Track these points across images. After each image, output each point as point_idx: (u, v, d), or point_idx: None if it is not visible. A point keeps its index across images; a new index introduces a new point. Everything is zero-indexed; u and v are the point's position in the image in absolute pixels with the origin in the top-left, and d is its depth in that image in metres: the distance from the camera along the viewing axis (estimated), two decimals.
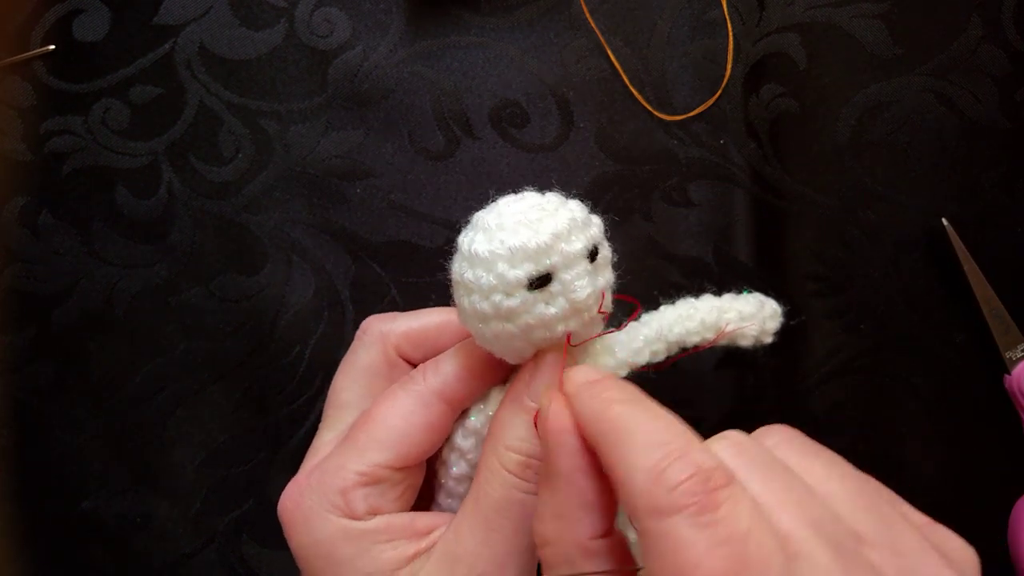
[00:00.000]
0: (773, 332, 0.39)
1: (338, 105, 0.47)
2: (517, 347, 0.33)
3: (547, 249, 0.30)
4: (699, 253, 0.47)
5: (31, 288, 0.47)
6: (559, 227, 0.31)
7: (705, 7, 0.47)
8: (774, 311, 0.39)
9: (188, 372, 0.47)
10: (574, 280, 0.31)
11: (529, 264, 0.30)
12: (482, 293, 0.31)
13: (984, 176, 0.47)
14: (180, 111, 0.47)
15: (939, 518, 0.47)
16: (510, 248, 0.30)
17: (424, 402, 0.34)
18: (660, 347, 0.37)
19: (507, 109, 0.47)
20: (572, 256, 0.31)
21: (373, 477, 0.33)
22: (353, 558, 0.33)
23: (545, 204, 0.32)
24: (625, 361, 0.36)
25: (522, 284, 0.31)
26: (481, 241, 0.31)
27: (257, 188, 0.47)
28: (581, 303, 0.31)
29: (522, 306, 0.31)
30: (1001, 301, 0.45)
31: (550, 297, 0.31)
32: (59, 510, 0.47)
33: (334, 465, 0.34)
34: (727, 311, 0.37)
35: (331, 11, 0.47)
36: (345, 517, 0.33)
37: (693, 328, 0.37)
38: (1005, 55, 0.46)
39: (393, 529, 0.33)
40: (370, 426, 0.34)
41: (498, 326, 0.32)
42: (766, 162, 0.47)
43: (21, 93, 0.46)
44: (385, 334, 0.38)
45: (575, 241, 0.31)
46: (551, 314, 0.31)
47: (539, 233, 0.30)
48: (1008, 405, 0.46)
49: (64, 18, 0.46)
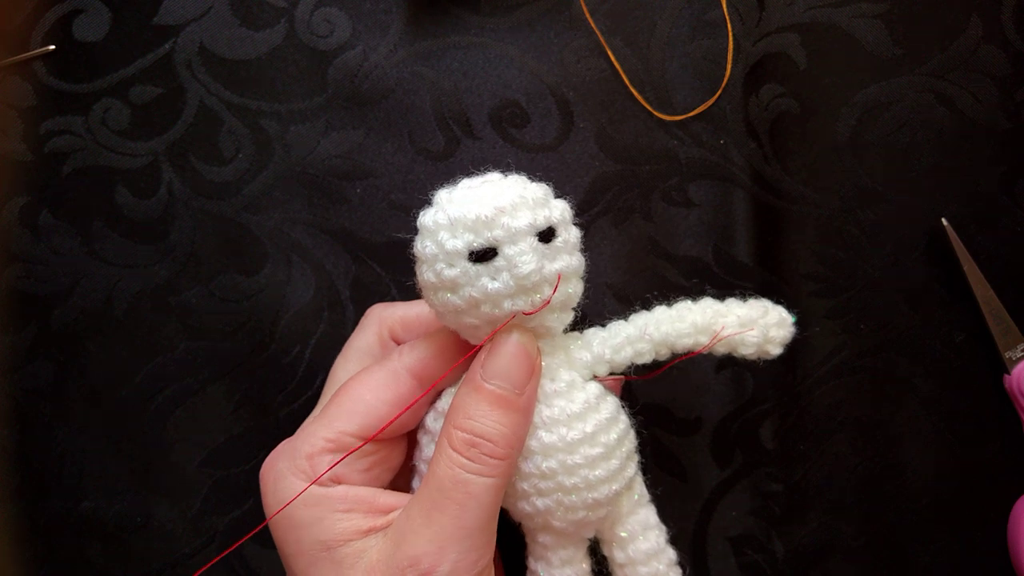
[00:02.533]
0: (780, 342, 0.37)
1: (338, 105, 0.47)
2: (468, 323, 0.33)
3: (488, 221, 0.31)
4: (699, 253, 0.47)
5: (31, 288, 0.47)
6: (504, 201, 0.31)
7: (705, 7, 0.47)
8: (781, 318, 0.37)
9: (188, 372, 0.47)
10: (517, 256, 0.31)
11: (469, 235, 0.31)
12: (428, 263, 0.32)
13: (984, 176, 0.47)
14: (180, 111, 0.47)
15: (939, 518, 0.47)
16: (451, 218, 0.31)
17: (395, 377, 0.35)
18: (645, 347, 0.36)
19: (507, 109, 0.47)
20: (516, 231, 0.31)
21: (339, 444, 0.34)
22: (310, 523, 0.33)
23: (498, 181, 0.33)
24: (603, 357, 0.36)
25: (462, 255, 0.31)
26: (430, 213, 0.32)
27: (257, 188, 0.47)
28: (524, 279, 0.31)
29: (463, 277, 0.31)
30: (1001, 301, 0.45)
31: (495, 271, 0.31)
32: (59, 510, 0.47)
33: (306, 432, 0.35)
34: (725, 314, 0.36)
35: (331, 11, 0.47)
36: (309, 482, 0.34)
37: (683, 329, 0.36)
38: (1005, 55, 0.46)
39: (352, 500, 0.34)
40: (342, 397, 0.35)
41: (444, 297, 0.32)
42: (766, 162, 0.47)
43: (21, 93, 0.46)
44: (383, 319, 0.41)
45: (521, 217, 0.31)
46: (494, 288, 0.31)
47: (481, 205, 0.31)
48: (1008, 405, 0.46)
49: (64, 18, 0.46)
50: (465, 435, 0.33)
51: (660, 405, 0.47)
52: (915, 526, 0.47)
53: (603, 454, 0.34)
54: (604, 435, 0.35)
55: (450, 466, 0.33)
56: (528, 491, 0.35)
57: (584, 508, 0.35)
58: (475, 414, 0.33)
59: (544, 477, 0.34)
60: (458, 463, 0.33)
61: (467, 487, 0.32)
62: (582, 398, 0.35)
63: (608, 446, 0.35)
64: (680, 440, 0.47)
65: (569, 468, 0.34)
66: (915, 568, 0.47)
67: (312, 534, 0.33)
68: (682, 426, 0.47)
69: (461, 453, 0.33)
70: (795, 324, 0.37)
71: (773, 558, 0.47)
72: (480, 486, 0.32)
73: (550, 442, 0.34)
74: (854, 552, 0.47)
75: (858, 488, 0.47)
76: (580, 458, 0.34)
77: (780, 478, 0.47)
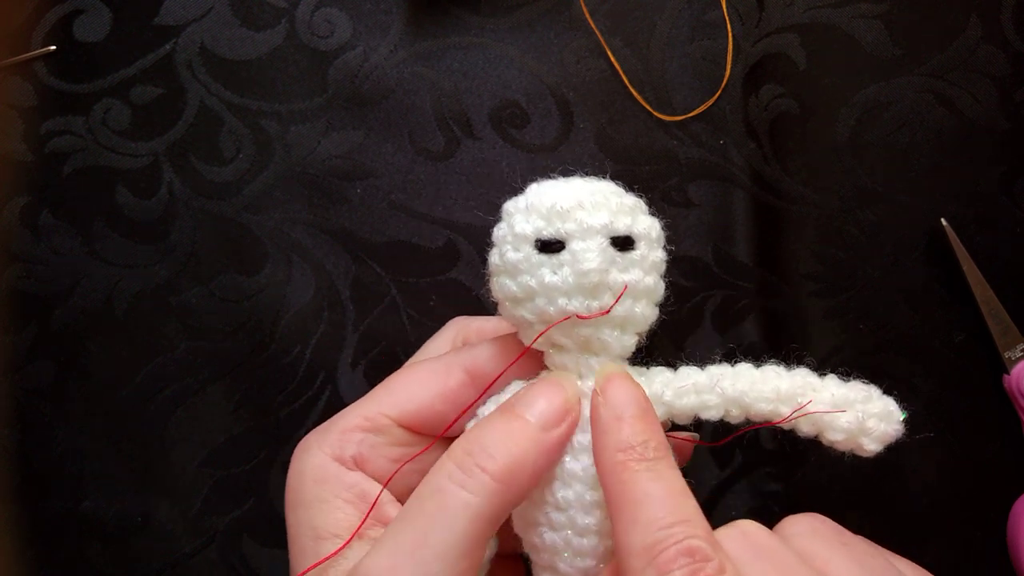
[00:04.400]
0: (879, 438, 0.32)
1: (338, 105, 0.47)
2: (523, 317, 0.31)
3: (563, 213, 0.30)
4: (699, 253, 0.47)
5: (31, 288, 0.47)
6: (584, 197, 0.30)
7: (705, 8, 0.47)
8: (886, 411, 0.32)
9: (188, 372, 0.47)
10: (582, 252, 0.30)
11: (540, 221, 0.30)
12: (498, 244, 0.31)
13: (984, 176, 0.47)
14: (181, 111, 0.47)
15: (939, 518, 0.47)
16: (529, 203, 0.31)
17: (447, 370, 0.34)
18: (713, 400, 0.32)
19: (507, 109, 0.47)
20: (588, 228, 0.30)
21: (375, 424, 0.33)
22: (311, 502, 0.32)
23: (590, 180, 0.31)
24: (660, 397, 0.32)
25: (529, 240, 0.30)
26: (514, 199, 0.32)
27: (257, 188, 0.47)
28: (584, 276, 0.29)
29: (525, 263, 0.30)
30: (1000, 301, 0.45)
31: (557, 265, 0.30)
32: (59, 510, 0.47)
33: (347, 410, 0.34)
34: (817, 389, 0.32)
35: (331, 11, 0.47)
36: (330, 456, 0.32)
37: (764, 393, 0.32)
38: (1004, 55, 0.46)
39: (360, 492, 0.32)
40: (389, 382, 0.34)
41: (503, 282, 0.31)
42: (766, 162, 0.47)
43: (22, 93, 0.46)
44: (461, 327, 0.39)
45: (598, 216, 0.30)
46: (551, 282, 0.30)
47: (561, 197, 0.30)
48: (1008, 405, 0.46)
49: (65, 18, 0.46)
50: (467, 443, 0.30)
51: None
52: (915, 526, 0.47)
53: None
54: None
55: (438, 473, 0.29)
56: (539, 521, 0.31)
57: (594, 557, 0.31)
58: (488, 427, 0.30)
59: (558, 508, 0.31)
60: (446, 470, 0.29)
61: (444, 498, 0.28)
62: None
63: None
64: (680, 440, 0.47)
65: (586, 505, 0.31)
66: None
67: (309, 515, 0.31)
68: (682, 426, 0.47)
69: (453, 459, 0.29)
70: (904, 422, 0.32)
71: None
72: (457, 500, 0.28)
73: (571, 469, 0.31)
74: None
75: (858, 488, 0.47)
76: (600, 496, 0.30)
77: (780, 478, 0.47)
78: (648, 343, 0.48)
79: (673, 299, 0.48)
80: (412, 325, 0.47)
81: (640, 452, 0.28)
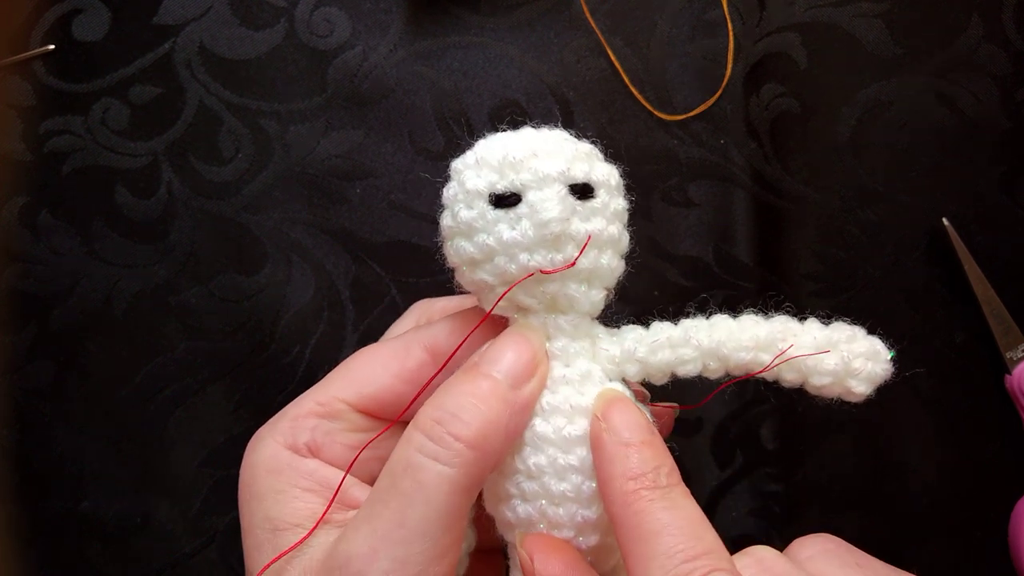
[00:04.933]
0: (868, 378, 0.30)
1: (338, 105, 0.47)
2: (483, 281, 0.29)
3: (515, 163, 0.28)
4: (699, 253, 0.47)
5: (31, 288, 0.47)
6: (536, 146, 0.28)
7: (705, 7, 0.46)
8: (873, 350, 0.30)
9: (188, 372, 0.47)
10: (540, 201, 0.27)
11: (493, 175, 0.28)
12: (448, 205, 0.29)
13: (984, 176, 0.47)
14: (180, 111, 0.47)
15: (939, 518, 0.47)
16: (478, 157, 0.28)
17: (406, 349, 0.31)
18: (688, 354, 0.30)
19: (507, 109, 0.47)
20: (544, 176, 0.28)
21: (329, 409, 0.31)
22: (265, 494, 0.30)
23: (540, 129, 0.29)
24: (633, 354, 0.30)
25: (482, 195, 0.28)
26: (462, 156, 0.29)
27: (257, 188, 0.47)
28: (544, 227, 0.27)
29: (480, 220, 0.28)
30: (1002, 301, 0.45)
31: (515, 219, 0.28)
32: (59, 510, 0.47)
33: (300, 397, 0.32)
34: (797, 332, 0.30)
35: (331, 11, 0.47)
36: (282, 445, 0.31)
37: (742, 341, 0.30)
38: (1005, 55, 0.46)
39: (318, 479, 0.30)
40: (345, 364, 0.32)
41: (459, 245, 0.29)
42: (766, 162, 0.47)
43: (21, 93, 0.46)
44: (424, 309, 0.38)
45: (552, 163, 0.28)
46: (510, 237, 0.28)
47: (510, 147, 0.28)
48: (1008, 405, 0.46)
49: (64, 18, 0.46)
50: (434, 410, 0.27)
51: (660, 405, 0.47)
52: (915, 526, 0.47)
53: None
54: None
55: (406, 447, 0.27)
56: (511, 492, 0.29)
57: (572, 527, 0.29)
58: (454, 390, 0.28)
59: (530, 476, 0.29)
60: (416, 442, 0.27)
61: (418, 474, 0.26)
62: (594, 392, 0.29)
63: None
64: (681, 440, 0.47)
65: (560, 470, 0.28)
66: (915, 568, 0.47)
67: (264, 507, 0.29)
68: (683, 426, 0.47)
69: (422, 430, 0.27)
70: (893, 360, 0.31)
71: None
72: (433, 475, 0.26)
73: (543, 432, 0.29)
74: None
75: (858, 488, 0.47)
76: (575, 460, 0.28)
77: (780, 478, 0.47)
78: None
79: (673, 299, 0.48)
80: None
81: (652, 479, 0.27)
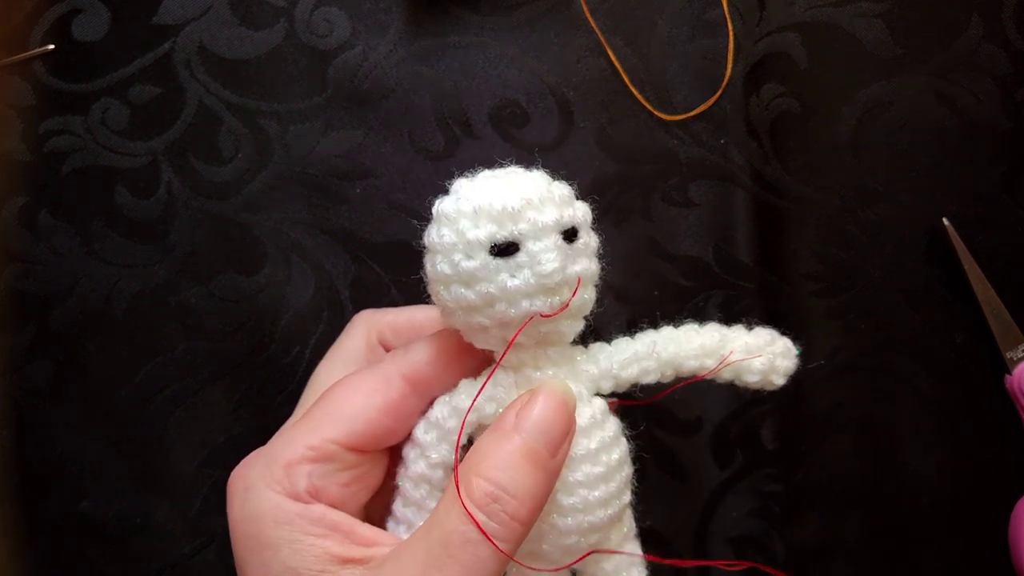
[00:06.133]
0: (784, 372, 0.35)
1: (338, 105, 0.47)
2: (478, 323, 0.30)
3: (514, 214, 0.29)
4: (699, 253, 0.47)
5: (30, 288, 0.47)
6: (531, 194, 0.29)
7: (705, 7, 0.46)
8: (786, 349, 0.36)
9: (188, 372, 0.47)
10: (541, 252, 0.29)
11: (492, 226, 0.29)
12: (444, 252, 0.30)
13: (984, 176, 0.47)
14: (179, 111, 0.47)
15: (939, 518, 0.47)
16: (475, 206, 0.29)
17: (386, 381, 0.32)
18: (651, 365, 0.34)
19: (507, 109, 0.47)
20: (542, 227, 0.29)
21: (322, 453, 0.31)
22: (279, 545, 0.30)
23: (524, 174, 0.31)
24: (609, 372, 0.33)
25: (484, 246, 0.29)
26: (450, 200, 0.30)
27: (257, 188, 0.47)
28: (547, 278, 0.29)
29: (483, 270, 0.29)
30: (1002, 301, 0.45)
31: (515, 268, 0.29)
32: (59, 510, 0.47)
33: (285, 438, 0.32)
34: (732, 340, 0.35)
35: (331, 11, 0.47)
36: (284, 495, 0.31)
37: (691, 351, 0.34)
38: (1005, 55, 0.46)
39: (329, 523, 0.30)
40: (327, 401, 0.32)
41: (457, 292, 0.30)
42: (766, 162, 0.47)
43: (21, 93, 0.46)
44: (372, 323, 0.38)
45: (547, 212, 0.29)
46: (514, 286, 0.29)
47: (508, 196, 0.29)
48: (1008, 405, 0.46)
49: (63, 18, 0.46)
50: (489, 487, 0.28)
51: (661, 405, 0.47)
52: (915, 526, 0.47)
53: (604, 474, 0.32)
54: (606, 454, 0.32)
55: (463, 520, 0.28)
56: None
57: (577, 532, 0.32)
58: (504, 465, 0.29)
59: None
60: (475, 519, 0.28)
61: (477, 550, 0.28)
62: (588, 413, 0.32)
63: (609, 466, 0.32)
64: (681, 441, 0.47)
65: (568, 486, 0.32)
66: (915, 568, 0.47)
67: (281, 557, 0.30)
68: (683, 427, 0.47)
69: (480, 507, 0.28)
70: (799, 356, 0.36)
71: (774, 559, 0.47)
72: (491, 552, 0.28)
73: None
74: (854, 552, 0.47)
75: (858, 488, 0.47)
76: (581, 476, 0.32)
77: (780, 478, 0.47)
78: None
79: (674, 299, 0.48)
80: None
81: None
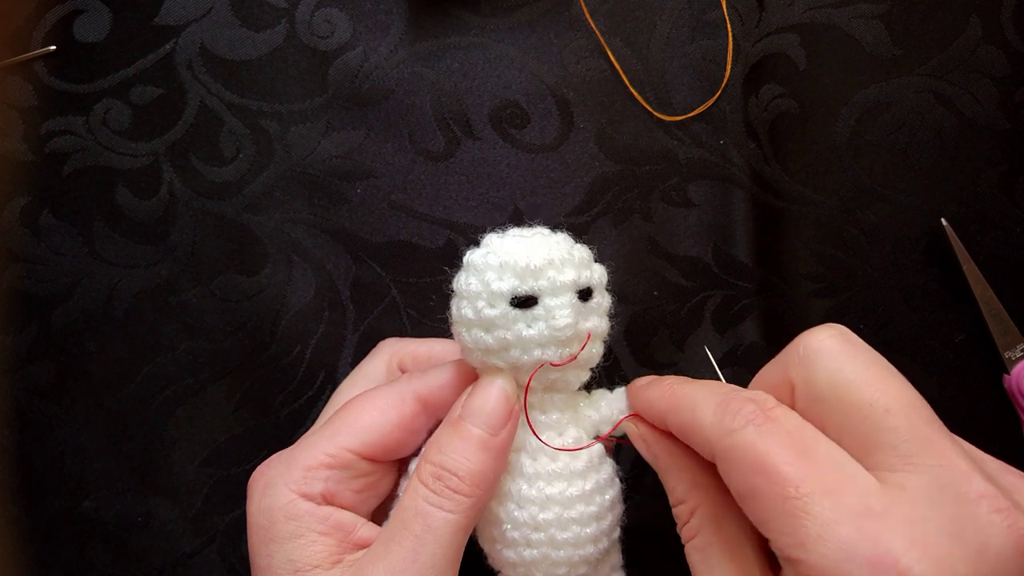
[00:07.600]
0: None
1: (338, 105, 0.47)
2: (493, 364, 0.34)
3: (535, 271, 0.33)
4: (699, 253, 0.47)
5: (32, 288, 0.47)
6: (552, 255, 0.33)
7: (705, 7, 0.47)
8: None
9: (188, 372, 0.47)
10: (557, 308, 0.33)
11: (515, 280, 0.33)
12: (469, 299, 0.34)
13: (984, 176, 0.47)
14: (181, 111, 0.47)
15: None
16: (502, 261, 0.33)
17: (401, 399, 0.36)
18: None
19: (507, 109, 0.47)
20: (560, 285, 0.33)
21: (339, 460, 0.35)
22: (285, 539, 0.33)
23: (549, 236, 0.34)
24: (610, 418, 0.37)
25: (505, 297, 0.33)
26: (479, 253, 0.34)
27: (258, 188, 0.47)
28: (559, 332, 0.33)
29: (502, 319, 0.33)
30: (1000, 301, 0.45)
31: (532, 319, 0.33)
32: (59, 510, 0.47)
33: (306, 444, 0.35)
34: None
35: (331, 12, 0.47)
36: (298, 494, 0.34)
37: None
38: (1004, 55, 0.46)
39: (334, 524, 0.34)
40: (346, 413, 0.36)
41: (477, 335, 0.34)
42: (766, 162, 0.47)
43: (22, 93, 0.46)
44: (395, 350, 0.42)
45: (566, 273, 0.33)
46: (528, 335, 0.33)
47: (531, 255, 0.33)
48: (1007, 405, 0.46)
49: (65, 18, 0.46)
50: (433, 467, 0.33)
51: None
52: None
53: (597, 513, 0.36)
54: (600, 495, 0.36)
55: (414, 497, 0.33)
56: (518, 540, 0.36)
57: (568, 565, 0.36)
58: (446, 448, 0.34)
59: (537, 528, 0.35)
60: (421, 494, 0.33)
61: (427, 519, 0.32)
62: (586, 456, 0.36)
63: (603, 506, 0.36)
64: None
65: (564, 523, 0.35)
66: None
67: (285, 550, 0.33)
68: None
69: (426, 484, 0.33)
70: None
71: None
72: (440, 520, 0.32)
73: (551, 495, 0.35)
74: None
75: None
76: (576, 514, 0.35)
77: None
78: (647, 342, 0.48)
79: (673, 299, 0.48)
80: (412, 325, 0.47)
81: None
